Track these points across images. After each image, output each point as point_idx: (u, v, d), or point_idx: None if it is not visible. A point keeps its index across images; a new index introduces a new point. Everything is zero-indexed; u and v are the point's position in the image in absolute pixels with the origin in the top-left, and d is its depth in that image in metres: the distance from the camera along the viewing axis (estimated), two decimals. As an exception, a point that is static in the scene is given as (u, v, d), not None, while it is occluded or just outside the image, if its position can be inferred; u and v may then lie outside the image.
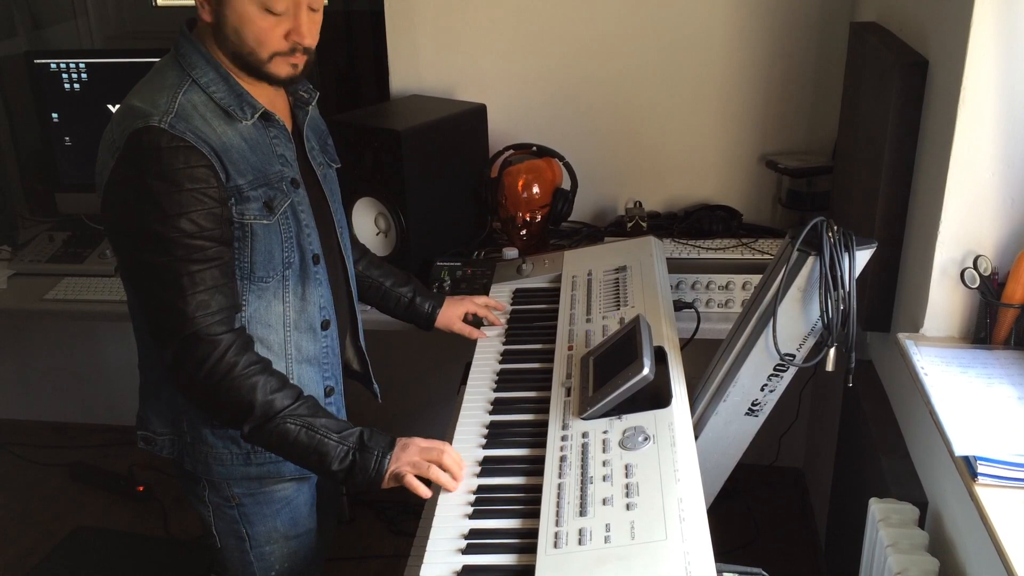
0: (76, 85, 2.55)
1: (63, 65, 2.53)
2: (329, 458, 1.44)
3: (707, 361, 1.69)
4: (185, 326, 1.40)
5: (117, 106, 1.50)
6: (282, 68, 1.47)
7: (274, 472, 1.61)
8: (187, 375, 1.43)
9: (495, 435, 1.55)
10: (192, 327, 1.40)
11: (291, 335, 1.57)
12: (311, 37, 1.47)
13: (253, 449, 1.57)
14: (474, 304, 1.94)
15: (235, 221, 1.46)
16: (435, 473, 1.41)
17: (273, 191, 1.50)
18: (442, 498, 1.40)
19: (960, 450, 1.33)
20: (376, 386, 1.86)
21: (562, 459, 1.38)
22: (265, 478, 1.61)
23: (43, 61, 2.54)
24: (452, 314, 1.93)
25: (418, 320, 1.94)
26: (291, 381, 1.50)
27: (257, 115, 1.49)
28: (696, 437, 1.53)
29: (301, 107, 1.63)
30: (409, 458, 1.43)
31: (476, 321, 1.94)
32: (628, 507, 1.23)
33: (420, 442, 1.46)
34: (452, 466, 1.42)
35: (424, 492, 1.42)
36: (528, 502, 1.36)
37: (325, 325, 1.62)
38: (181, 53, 1.48)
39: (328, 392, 1.65)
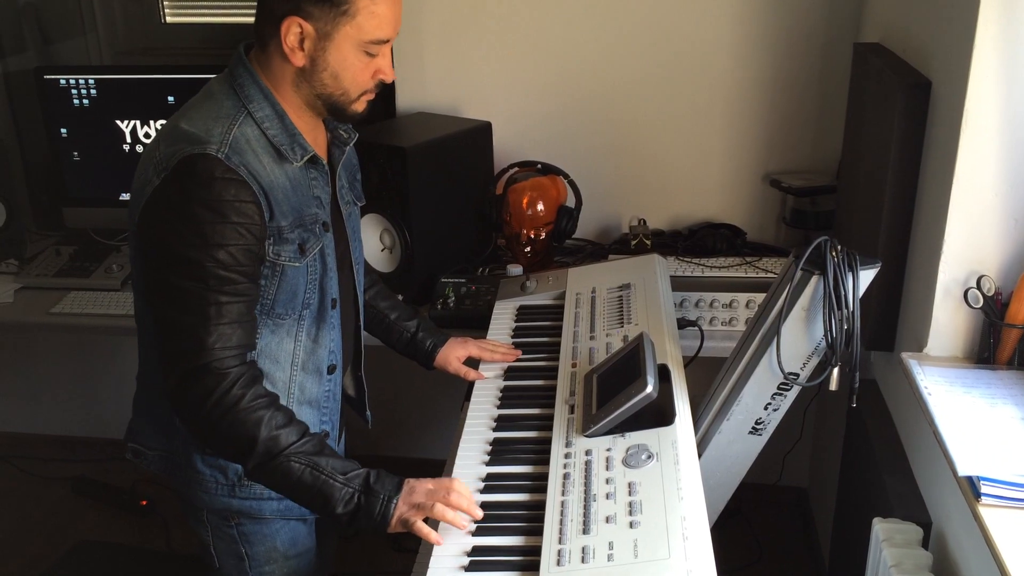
0: (85, 101, 2.56)
1: (72, 81, 2.55)
2: (333, 500, 1.39)
3: (711, 379, 1.69)
4: (200, 355, 1.37)
5: (161, 123, 1.49)
6: (363, 105, 1.51)
7: (255, 509, 1.58)
8: (192, 406, 1.39)
9: (498, 452, 1.55)
10: (206, 358, 1.37)
11: (296, 375, 1.56)
12: (393, 74, 1.51)
13: (239, 482, 1.55)
14: (478, 348, 1.88)
15: (268, 260, 1.45)
16: (438, 510, 1.36)
17: (307, 233, 1.50)
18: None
19: (964, 470, 1.33)
20: (369, 413, 1.84)
21: (565, 476, 1.38)
22: (245, 512, 1.59)
23: (52, 77, 2.56)
24: (451, 354, 1.88)
25: (418, 356, 1.91)
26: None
27: (306, 158, 1.49)
28: (699, 455, 1.53)
29: (339, 146, 1.63)
30: (415, 501, 1.39)
31: (473, 362, 1.90)
32: (631, 525, 1.23)
33: (427, 483, 1.41)
34: (460, 502, 1.38)
35: (436, 539, 1.35)
36: (531, 519, 1.36)
37: (331, 369, 1.61)
38: (238, 82, 1.46)
39: (323, 436, 1.62)
